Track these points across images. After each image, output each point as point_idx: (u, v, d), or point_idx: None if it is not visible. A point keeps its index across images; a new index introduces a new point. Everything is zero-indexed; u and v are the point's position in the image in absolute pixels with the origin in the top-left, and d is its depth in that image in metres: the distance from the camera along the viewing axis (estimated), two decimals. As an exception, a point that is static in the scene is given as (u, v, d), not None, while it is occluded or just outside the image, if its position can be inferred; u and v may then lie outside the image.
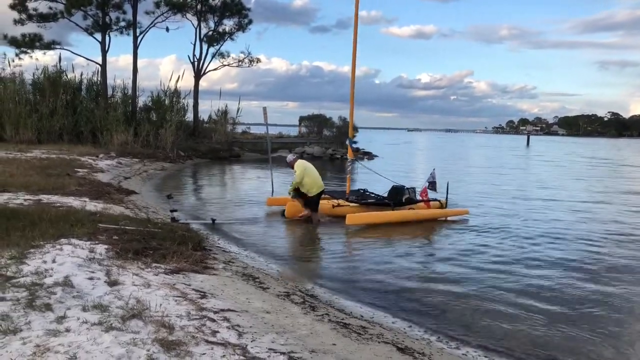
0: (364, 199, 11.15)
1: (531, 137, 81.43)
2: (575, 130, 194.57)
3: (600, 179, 23.22)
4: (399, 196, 11.10)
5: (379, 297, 6.13)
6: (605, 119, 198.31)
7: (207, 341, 3.43)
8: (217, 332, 3.65)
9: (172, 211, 9.61)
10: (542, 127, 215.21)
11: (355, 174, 18.31)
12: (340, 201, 10.90)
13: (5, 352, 2.97)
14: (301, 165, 10.24)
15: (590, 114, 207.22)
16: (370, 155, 33.86)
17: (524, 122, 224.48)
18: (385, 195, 11.33)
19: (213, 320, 3.88)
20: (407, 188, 11.31)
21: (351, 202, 10.91)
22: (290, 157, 10.81)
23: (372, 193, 11.55)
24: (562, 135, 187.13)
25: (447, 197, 11.50)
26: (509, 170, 27.62)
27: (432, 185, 11.31)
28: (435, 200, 11.40)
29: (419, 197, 11.23)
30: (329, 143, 31.89)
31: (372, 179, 12.78)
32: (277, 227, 10.17)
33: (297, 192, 10.25)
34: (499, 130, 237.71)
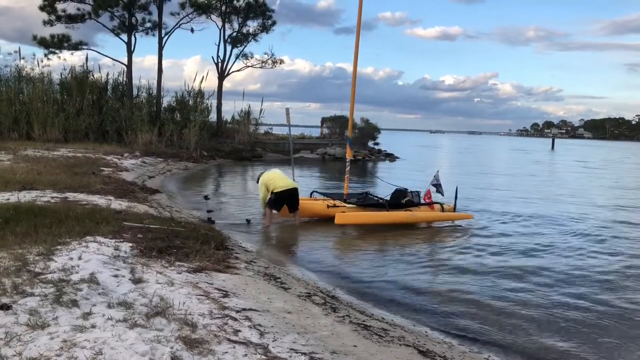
0: (364, 201, 11.04)
1: (556, 140, 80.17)
2: (602, 133, 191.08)
3: None
4: (400, 199, 11.00)
5: (400, 300, 6.11)
6: (634, 122, 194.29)
7: (229, 340, 3.46)
8: (239, 331, 3.68)
9: (208, 211, 9.70)
10: (568, 130, 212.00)
11: (376, 175, 18.31)
12: (337, 202, 10.81)
13: (34, 346, 3.04)
14: (263, 178, 10.04)
15: (618, 117, 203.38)
16: (392, 157, 33.74)
17: (548, 125, 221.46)
18: (388, 198, 11.17)
19: (235, 320, 3.91)
20: (411, 191, 11.11)
21: (348, 203, 10.80)
22: (257, 174, 10.57)
23: (375, 196, 11.44)
24: (588, 138, 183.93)
25: (455, 202, 11.23)
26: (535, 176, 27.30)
27: (437, 187, 11.12)
28: (438, 203, 11.09)
29: (423, 201, 11.06)
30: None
31: (390, 180, 12.72)
32: (298, 228, 10.19)
33: (269, 204, 9.88)
34: (523, 133, 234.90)
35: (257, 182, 10.27)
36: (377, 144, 35.40)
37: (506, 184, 20.68)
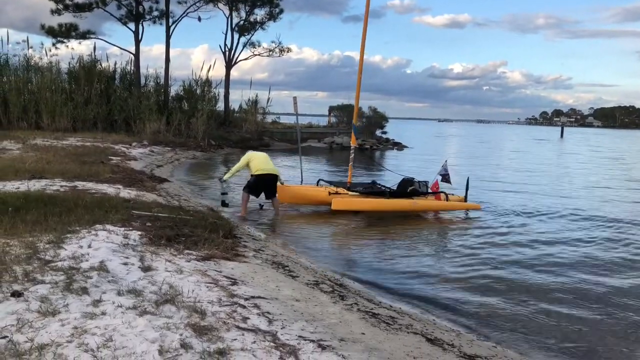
0: (367, 190, 10.99)
1: (565, 128, 79.61)
2: (612, 122, 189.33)
3: None
4: (406, 188, 10.87)
5: (407, 288, 6.12)
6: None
7: (238, 327, 3.48)
8: (248, 318, 3.70)
9: (222, 194, 9.75)
10: (577, 118, 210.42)
11: (382, 165, 18.27)
12: (340, 189, 10.76)
13: (45, 332, 3.07)
14: (246, 154, 9.98)
15: (628, 105, 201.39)
16: (400, 146, 33.64)
17: (557, 113, 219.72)
18: (395, 187, 11.07)
19: (244, 307, 3.93)
20: (419, 181, 11.00)
21: (351, 191, 10.76)
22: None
23: (382, 185, 11.35)
24: (597, 127, 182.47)
25: (466, 193, 11.09)
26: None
27: (444, 177, 11.01)
28: (443, 192, 10.92)
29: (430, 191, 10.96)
30: (359, 133, 31.62)
31: (398, 170, 12.68)
32: (305, 216, 10.21)
33: (247, 188, 9.72)
34: (531, 121, 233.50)
35: None
36: (384, 132, 35.30)
37: (518, 175, 20.60)
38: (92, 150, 14.95)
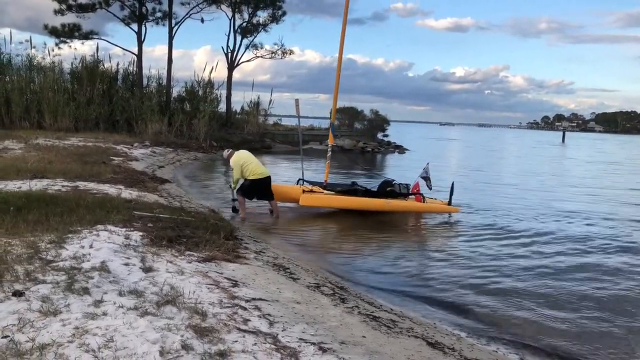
0: (343, 189, 11.05)
1: (567, 133, 79.68)
2: (614, 127, 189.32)
3: None
4: (385, 189, 10.93)
5: (408, 292, 6.12)
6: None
7: (238, 329, 3.48)
8: (249, 320, 3.70)
9: (233, 200, 9.80)
10: (579, 123, 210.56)
11: (386, 167, 18.26)
12: (315, 188, 10.81)
13: (46, 332, 3.07)
14: (236, 159, 9.80)
15: (630, 110, 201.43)
16: (401, 149, 33.63)
17: (559, 118, 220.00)
18: (375, 189, 11.11)
19: (244, 309, 3.93)
20: (399, 183, 11.05)
21: (326, 189, 10.81)
22: (225, 153, 10.25)
23: (361, 186, 11.37)
24: (599, 132, 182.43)
25: (450, 198, 10.98)
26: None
27: (426, 180, 11.02)
28: (420, 194, 10.87)
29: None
30: (360, 136, 31.78)
31: (400, 173, 12.68)
32: (306, 218, 10.21)
33: (241, 190, 9.75)
34: (533, 126, 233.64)
35: (227, 159, 10.04)
36: (386, 135, 35.30)
37: (517, 179, 20.60)
38: (94, 151, 14.96)
